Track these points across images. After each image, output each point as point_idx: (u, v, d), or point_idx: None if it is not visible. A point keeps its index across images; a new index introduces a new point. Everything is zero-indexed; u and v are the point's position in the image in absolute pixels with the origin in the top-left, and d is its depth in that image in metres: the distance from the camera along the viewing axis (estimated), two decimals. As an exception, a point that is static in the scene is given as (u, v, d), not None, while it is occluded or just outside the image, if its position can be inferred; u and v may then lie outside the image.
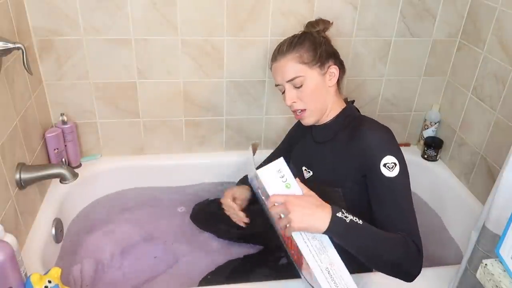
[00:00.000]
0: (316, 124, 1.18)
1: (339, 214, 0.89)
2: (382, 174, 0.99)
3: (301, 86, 1.10)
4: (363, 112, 1.20)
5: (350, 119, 1.14)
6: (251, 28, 1.57)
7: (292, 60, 1.10)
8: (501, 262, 0.76)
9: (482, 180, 1.59)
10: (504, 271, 0.75)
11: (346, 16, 1.60)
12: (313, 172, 1.18)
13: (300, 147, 1.26)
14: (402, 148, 1.07)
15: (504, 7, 1.46)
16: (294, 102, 1.13)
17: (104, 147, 1.73)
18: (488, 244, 0.99)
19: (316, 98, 1.12)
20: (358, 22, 1.63)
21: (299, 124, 1.32)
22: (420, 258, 0.99)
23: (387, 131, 1.05)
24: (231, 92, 1.69)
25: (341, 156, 1.09)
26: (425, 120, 1.88)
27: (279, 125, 1.81)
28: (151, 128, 1.72)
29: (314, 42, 1.12)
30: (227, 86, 1.68)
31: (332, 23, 1.20)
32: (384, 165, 0.99)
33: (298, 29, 1.58)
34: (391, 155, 1.00)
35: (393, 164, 1.00)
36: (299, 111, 1.14)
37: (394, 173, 0.99)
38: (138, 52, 1.55)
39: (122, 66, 1.56)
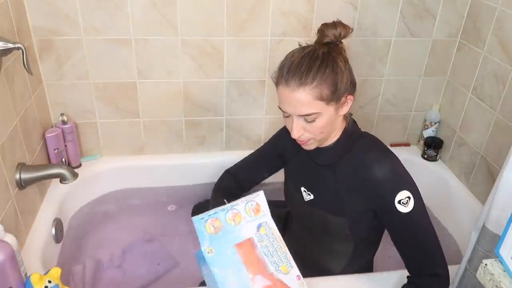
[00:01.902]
0: (317, 147, 1.09)
1: None
2: (398, 211, 0.97)
3: (313, 121, 0.97)
4: (363, 113, 1.20)
5: (353, 139, 1.06)
6: (251, 28, 1.57)
7: (310, 95, 0.93)
8: (501, 262, 0.76)
9: (482, 180, 1.59)
10: (504, 271, 0.75)
11: (346, 16, 1.60)
12: (314, 196, 1.12)
13: (297, 164, 1.19)
14: (402, 148, 1.07)
15: (504, 7, 1.46)
16: (302, 134, 1.01)
17: (104, 147, 1.73)
18: (488, 244, 0.99)
19: (326, 130, 1.01)
20: (358, 22, 1.63)
21: (287, 139, 1.21)
22: (448, 284, 1.02)
23: (394, 161, 1.00)
24: (231, 92, 1.69)
25: (347, 185, 1.04)
26: (425, 120, 1.88)
27: (279, 125, 1.80)
28: (151, 128, 1.72)
29: (336, 72, 0.95)
30: (227, 86, 1.68)
31: (352, 30, 1.02)
32: (399, 201, 0.96)
33: (298, 29, 1.59)
34: (404, 190, 0.96)
35: (407, 199, 0.97)
36: (301, 137, 1.02)
37: (409, 207, 0.97)
38: (138, 52, 1.55)
39: (122, 66, 1.56)
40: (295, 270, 0.93)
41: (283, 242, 0.95)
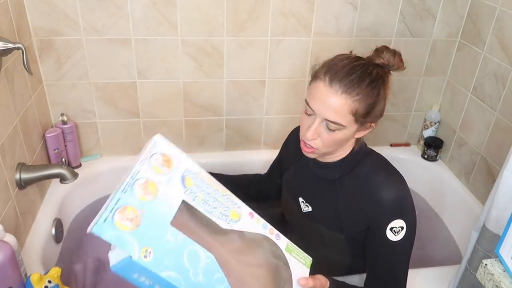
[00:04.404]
0: (319, 160, 1.06)
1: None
2: (386, 236, 0.96)
3: (332, 131, 0.93)
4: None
5: (358, 157, 1.03)
6: (251, 28, 1.57)
7: (347, 106, 0.90)
8: (501, 262, 0.76)
9: (482, 180, 1.59)
10: (504, 271, 0.75)
11: (346, 16, 1.60)
12: (312, 209, 1.10)
13: (297, 173, 1.16)
14: (402, 148, 1.07)
15: (504, 7, 1.46)
16: (314, 138, 0.96)
17: (104, 147, 1.73)
18: (488, 244, 0.99)
19: (335, 146, 0.98)
20: (358, 22, 1.63)
21: (292, 142, 1.21)
22: None
23: (401, 186, 0.98)
24: (231, 92, 1.69)
25: (348, 203, 1.02)
26: (425, 120, 1.88)
27: (279, 125, 1.81)
28: (151, 128, 1.72)
29: (378, 97, 0.93)
30: (227, 86, 1.68)
31: (404, 68, 1.00)
32: (391, 228, 0.95)
33: (298, 29, 1.59)
34: (401, 219, 0.95)
35: (400, 228, 0.95)
36: (309, 145, 0.98)
37: (398, 237, 0.96)
38: (138, 52, 1.55)
39: (122, 66, 1.56)
40: (245, 208, 0.77)
41: (215, 181, 0.77)
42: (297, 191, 1.14)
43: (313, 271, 1.17)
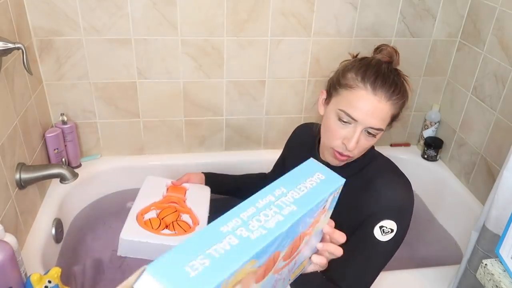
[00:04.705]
0: (326, 162, 1.04)
1: None
2: (373, 234, 0.94)
3: (373, 136, 0.94)
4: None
5: (366, 161, 1.03)
6: (251, 28, 1.57)
7: (391, 111, 0.92)
8: (501, 262, 0.76)
9: (482, 180, 1.59)
10: (504, 271, 0.75)
11: (346, 16, 1.60)
12: None
13: None
14: (402, 148, 1.07)
15: (504, 7, 1.46)
16: (355, 148, 0.95)
17: (104, 147, 1.73)
18: (488, 244, 0.99)
19: (365, 151, 0.99)
20: (358, 22, 1.63)
21: (296, 140, 1.22)
22: None
23: (405, 192, 0.97)
24: (231, 92, 1.69)
25: (348, 202, 0.97)
26: (425, 120, 1.88)
27: (279, 125, 1.81)
28: (151, 128, 1.72)
29: (406, 99, 0.96)
30: (227, 86, 1.68)
31: (398, 64, 1.02)
32: (381, 227, 0.93)
33: (298, 29, 1.59)
34: (394, 221, 0.93)
35: (389, 230, 0.94)
36: (345, 154, 0.97)
37: (385, 238, 0.94)
38: (138, 52, 1.55)
39: (122, 66, 1.56)
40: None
41: None
42: None
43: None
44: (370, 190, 0.97)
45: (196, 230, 1.11)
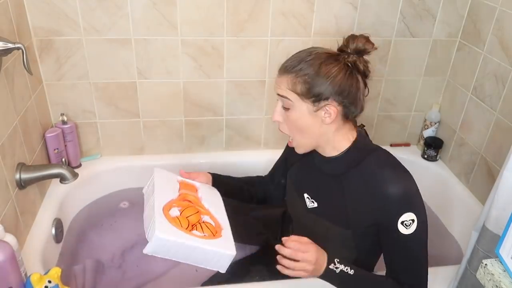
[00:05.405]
0: (322, 155, 1.07)
1: (331, 266, 1.00)
2: (399, 231, 0.97)
3: (288, 109, 1.01)
4: (363, 113, 1.17)
5: (363, 152, 1.04)
6: (251, 28, 1.57)
7: (286, 83, 0.99)
8: (501, 262, 0.76)
9: (482, 180, 1.59)
10: (504, 271, 0.75)
11: (346, 15, 1.60)
12: (318, 204, 1.10)
13: (302, 170, 1.18)
14: (402, 148, 1.07)
15: (504, 7, 1.46)
16: (279, 121, 1.04)
17: (104, 147, 1.73)
18: (488, 244, 0.99)
19: (301, 132, 1.03)
20: (358, 22, 1.62)
21: None
22: None
23: (408, 181, 0.99)
24: (231, 92, 1.69)
25: (355, 198, 1.02)
26: (425, 120, 1.88)
27: (279, 125, 1.80)
28: (151, 128, 1.72)
29: (318, 74, 0.96)
30: (227, 86, 1.68)
31: (375, 47, 1.04)
32: (402, 222, 0.96)
33: (298, 29, 1.60)
34: (411, 212, 0.96)
35: (410, 221, 0.96)
36: (291, 137, 1.06)
37: (410, 230, 0.97)
38: (138, 52, 1.55)
39: (122, 66, 1.56)
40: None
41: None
42: (302, 187, 1.15)
43: None
44: (373, 185, 0.98)
45: (223, 234, 1.06)
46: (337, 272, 1.00)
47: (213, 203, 1.19)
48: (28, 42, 1.42)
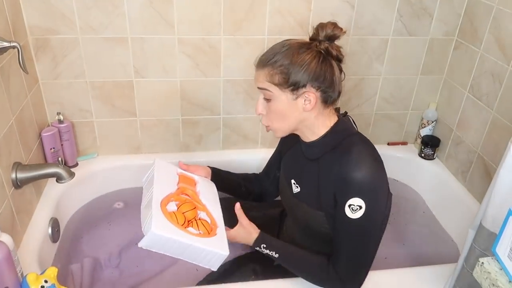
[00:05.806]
0: (304, 141, 1.11)
1: (257, 248, 1.12)
2: (345, 212, 0.99)
3: (269, 100, 1.05)
4: (361, 111, 1.19)
5: (340, 137, 1.06)
6: (248, 27, 1.57)
7: (264, 76, 1.04)
8: (497, 261, 0.76)
9: (479, 178, 1.59)
10: (501, 269, 0.75)
11: (343, 14, 1.60)
12: (300, 189, 1.14)
13: (291, 158, 1.21)
14: (400, 147, 1.07)
15: (501, 6, 1.46)
16: (263, 114, 1.08)
17: (100, 146, 1.73)
18: (485, 242, 0.99)
19: (283, 120, 1.05)
20: (355, 20, 1.62)
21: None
22: None
23: (372, 170, 0.98)
24: (228, 91, 1.69)
25: (325, 180, 1.05)
26: (422, 119, 1.88)
27: (276, 124, 1.80)
28: (148, 127, 1.72)
29: (294, 64, 1.00)
30: (224, 85, 1.67)
31: (344, 31, 1.05)
32: (349, 205, 0.98)
33: (295, 28, 1.59)
34: (360, 198, 0.97)
35: (358, 207, 0.98)
36: (264, 124, 1.10)
37: (356, 215, 0.98)
38: (134, 51, 1.54)
39: (119, 65, 1.56)
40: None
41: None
42: (290, 174, 1.19)
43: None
44: (338, 166, 1.01)
45: (217, 232, 1.08)
46: (264, 253, 1.12)
47: (210, 199, 1.20)
48: (24, 41, 1.41)
